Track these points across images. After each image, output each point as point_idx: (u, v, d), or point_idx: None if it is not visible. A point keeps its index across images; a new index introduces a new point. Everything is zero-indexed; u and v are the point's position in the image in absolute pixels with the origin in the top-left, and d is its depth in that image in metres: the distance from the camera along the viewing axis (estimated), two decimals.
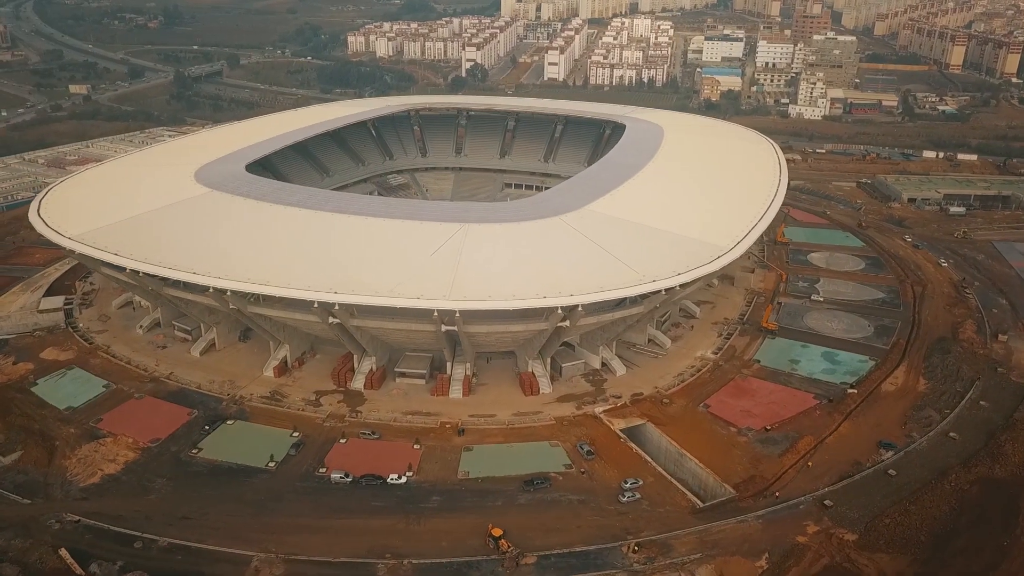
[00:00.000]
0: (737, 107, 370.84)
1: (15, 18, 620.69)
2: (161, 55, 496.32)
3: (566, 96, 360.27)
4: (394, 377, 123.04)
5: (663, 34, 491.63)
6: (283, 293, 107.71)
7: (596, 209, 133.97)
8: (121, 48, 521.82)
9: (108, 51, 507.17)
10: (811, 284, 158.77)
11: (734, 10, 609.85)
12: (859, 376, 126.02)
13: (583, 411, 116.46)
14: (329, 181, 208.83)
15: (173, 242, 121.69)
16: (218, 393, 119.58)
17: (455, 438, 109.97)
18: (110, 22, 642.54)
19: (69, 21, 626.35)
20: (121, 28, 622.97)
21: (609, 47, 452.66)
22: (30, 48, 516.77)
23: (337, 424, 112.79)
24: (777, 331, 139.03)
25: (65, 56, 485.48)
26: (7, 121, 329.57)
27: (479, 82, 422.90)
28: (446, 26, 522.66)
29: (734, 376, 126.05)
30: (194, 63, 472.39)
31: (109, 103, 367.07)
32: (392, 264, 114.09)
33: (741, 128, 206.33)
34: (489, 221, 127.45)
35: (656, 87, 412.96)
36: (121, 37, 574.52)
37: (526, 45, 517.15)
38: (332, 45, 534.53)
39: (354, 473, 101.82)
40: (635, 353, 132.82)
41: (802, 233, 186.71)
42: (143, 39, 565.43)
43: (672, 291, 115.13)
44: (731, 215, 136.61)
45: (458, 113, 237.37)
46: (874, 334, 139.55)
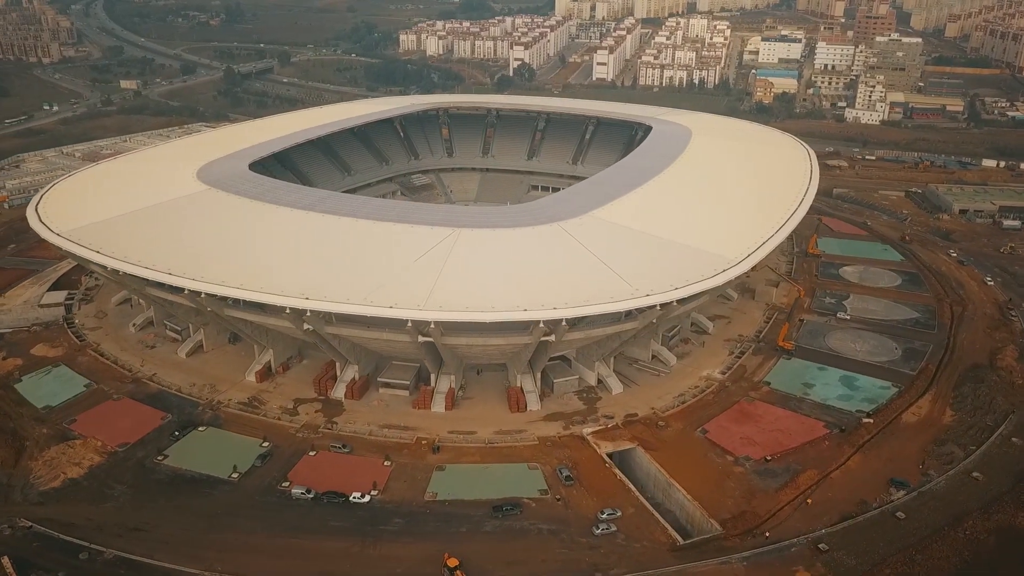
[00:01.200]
0: (790, 110, 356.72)
1: (85, 16, 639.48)
2: (217, 52, 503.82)
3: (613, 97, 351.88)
4: (377, 387, 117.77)
5: (719, 34, 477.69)
6: (254, 297, 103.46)
7: (600, 216, 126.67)
8: (180, 45, 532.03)
9: (167, 48, 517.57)
10: (839, 301, 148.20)
11: (796, 10, 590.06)
12: (878, 404, 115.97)
13: (570, 431, 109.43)
14: (350, 180, 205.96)
15: (159, 240, 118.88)
16: (197, 397, 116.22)
17: (429, 455, 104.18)
18: (174, 19, 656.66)
19: (135, 18, 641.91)
20: (183, 25, 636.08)
21: (661, 47, 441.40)
22: (94, 44, 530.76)
23: (310, 435, 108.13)
24: (794, 351, 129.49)
25: (125, 52, 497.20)
26: (58, 115, 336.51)
27: (526, 81, 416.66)
28: (498, 25, 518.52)
29: (740, 399, 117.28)
30: (247, 60, 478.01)
31: (158, 98, 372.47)
32: (373, 269, 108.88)
33: (776, 132, 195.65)
34: (482, 226, 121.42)
35: (707, 89, 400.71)
36: (183, 34, 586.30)
37: (577, 45, 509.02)
38: (384, 43, 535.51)
39: (317, 489, 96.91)
40: (637, 370, 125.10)
41: (836, 245, 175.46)
42: (203, 36, 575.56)
43: (668, 307, 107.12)
44: (747, 225, 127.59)
45: (487, 113, 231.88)
46: (901, 358, 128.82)
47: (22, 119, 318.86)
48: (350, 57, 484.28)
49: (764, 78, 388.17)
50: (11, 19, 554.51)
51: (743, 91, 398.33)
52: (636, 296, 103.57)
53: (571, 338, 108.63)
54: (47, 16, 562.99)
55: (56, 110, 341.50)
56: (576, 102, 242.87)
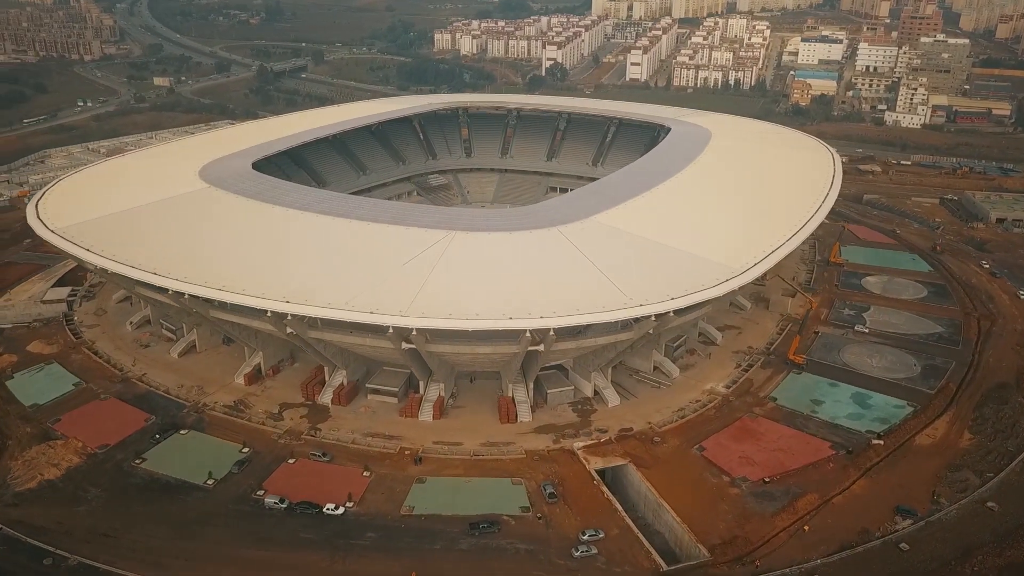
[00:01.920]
0: (827, 113, 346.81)
1: (129, 14, 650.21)
2: (253, 50, 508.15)
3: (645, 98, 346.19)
4: (366, 393, 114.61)
5: (758, 35, 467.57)
6: (233, 299, 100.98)
7: (602, 220, 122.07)
8: (218, 43, 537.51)
9: (205, 45, 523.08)
10: (858, 313, 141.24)
11: (840, 10, 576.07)
12: (890, 424, 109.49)
13: (560, 445, 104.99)
14: (365, 179, 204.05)
15: (151, 238, 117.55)
16: (184, 399, 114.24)
17: (411, 466, 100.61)
18: (215, 18, 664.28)
19: (178, 17, 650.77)
20: (224, 24, 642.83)
21: (697, 47, 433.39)
22: (136, 42, 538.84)
23: (291, 442, 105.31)
24: (805, 365, 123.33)
25: (164, 50, 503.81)
26: (91, 111, 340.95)
27: (558, 81, 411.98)
28: (533, 24, 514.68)
29: (743, 415, 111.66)
30: (283, 58, 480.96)
31: (190, 96, 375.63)
32: (360, 272, 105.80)
33: (801, 136, 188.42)
34: (478, 229, 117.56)
35: (742, 90, 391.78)
36: (222, 33, 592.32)
37: (613, 45, 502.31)
38: (419, 42, 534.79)
39: (291, 499, 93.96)
40: (637, 381, 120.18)
41: (861, 253, 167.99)
42: (242, 35, 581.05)
43: (664, 318, 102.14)
44: (757, 233, 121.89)
45: (508, 113, 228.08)
46: (920, 375, 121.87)
47: (42, 118, 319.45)
48: (383, 56, 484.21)
49: (802, 80, 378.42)
50: (57, 17, 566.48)
51: (780, 93, 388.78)
52: (629, 306, 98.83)
53: (562, 348, 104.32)
54: (92, 14, 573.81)
55: (89, 106, 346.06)
56: (598, 102, 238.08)
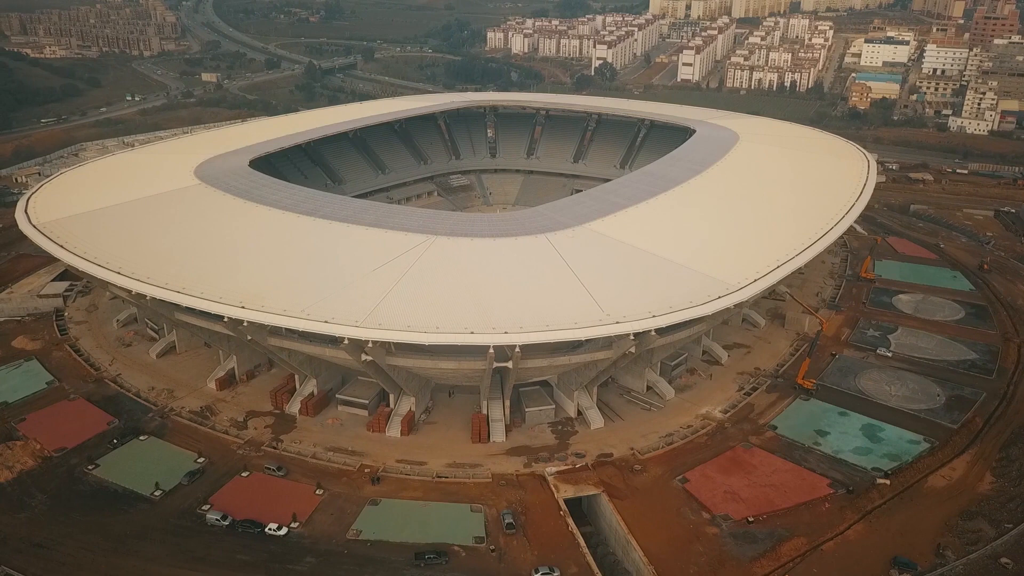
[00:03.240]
0: (887, 117, 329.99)
1: (194, 12, 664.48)
2: (308, 47, 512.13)
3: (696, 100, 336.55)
4: (336, 405, 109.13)
5: (819, 35, 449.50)
6: (189, 302, 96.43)
7: (596, 228, 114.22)
8: (275, 40, 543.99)
9: (262, 43, 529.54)
10: (883, 334, 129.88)
11: (911, 11, 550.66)
12: (901, 462, 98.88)
13: (531, 469, 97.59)
14: (384, 179, 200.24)
15: (125, 236, 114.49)
16: (152, 402, 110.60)
17: (367, 486, 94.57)
18: (276, 16, 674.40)
19: (240, 15, 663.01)
20: (284, 22, 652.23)
21: (753, 48, 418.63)
22: (195, 39, 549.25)
23: (250, 453, 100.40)
24: (814, 391, 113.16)
25: (221, 47, 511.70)
26: (138, 105, 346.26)
27: (607, 81, 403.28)
28: (587, 23, 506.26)
29: (736, 444, 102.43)
30: (335, 56, 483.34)
31: (237, 92, 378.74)
32: (327, 277, 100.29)
33: (839, 141, 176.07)
34: (460, 235, 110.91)
35: (798, 92, 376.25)
36: (282, 30, 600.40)
37: (668, 45, 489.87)
38: (472, 41, 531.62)
39: (235, 516, 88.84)
40: (627, 402, 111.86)
41: (897, 269, 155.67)
42: (300, 32, 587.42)
43: (645, 336, 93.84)
44: (765, 246, 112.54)
45: (536, 112, 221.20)
46: (943, 407, 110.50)
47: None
48: (432, 54, 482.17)
49: (861, 82, 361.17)
50: (124, 15, 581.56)
51: (838, 96, 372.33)
52: (604, 323, 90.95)
53: (534, 366, 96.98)
54: (157, 11, 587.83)
55: (136, 100, 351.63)
56: (631, 103, 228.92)
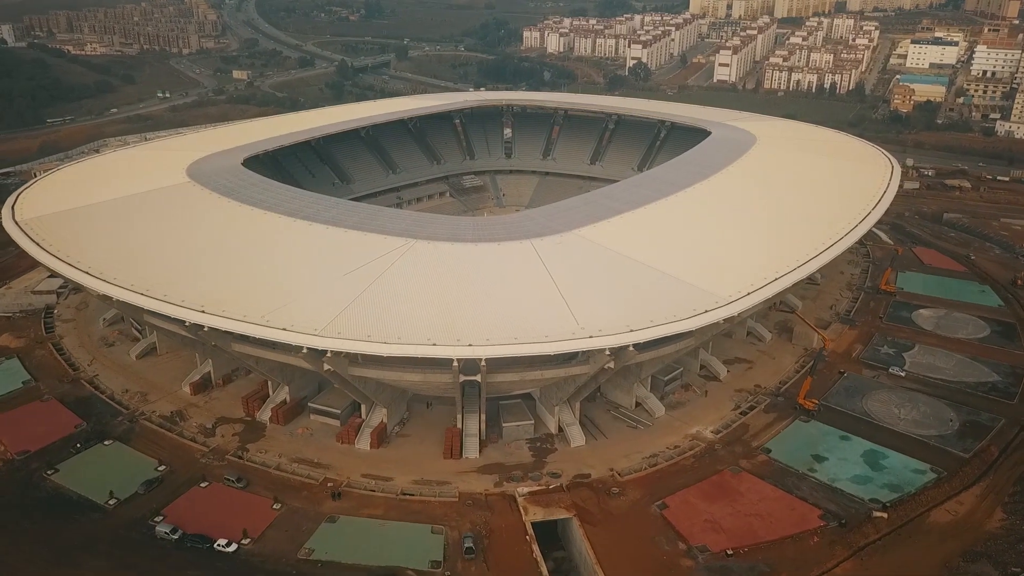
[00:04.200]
0: (930, 121, 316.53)
1: (237, 10, 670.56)
2: (344, 46, 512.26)
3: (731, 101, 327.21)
4: (309, 413, 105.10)
5: (864, 35, 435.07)
6: (150, 305, 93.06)
7: (586, 234, 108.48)
8: (313, 38, 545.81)
9: (299, 41, 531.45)
10: (898, 352, 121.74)
11: (963, 11, 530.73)
12: (902, 493, 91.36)
13: (502, 489, 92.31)
14: (395, 178, 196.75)
15: (102, 235, 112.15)
16: (124, 405, 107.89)
17: (328, 501, 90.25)
18: (317, 15, 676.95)
19: (281, 13, 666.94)
20: (324, 20, 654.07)
21: (793, 48, 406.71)
22: (235, 37, 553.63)
23: (213, 462, 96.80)
24: (815, 412, 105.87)
25: (259, 45, 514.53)
26: (169, 102, 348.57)
27: (641, 81, 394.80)
28: (624, 23, 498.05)
29: (724, 468, 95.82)
30: (370, 55, 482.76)
31: (268, 89, 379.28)
32: (294, 282, 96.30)
33: (864, 146, 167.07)
34: (442, 239, 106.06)
35: (838, 95, 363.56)
36: (320, 29, 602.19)
37: (706, 45, 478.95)
38: (508, 40, 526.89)
39: (187, 529, 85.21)
40: (614, 418, 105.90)
41: (920, 281, 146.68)
42: (338, 31, 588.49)
43: (623, 352, 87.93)
44: (764, 257, 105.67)
45: (554, 112, 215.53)
46: (956, 433, 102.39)
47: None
48: (466, 53, 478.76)
49: (905, 84, 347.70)
50: (167, 13, 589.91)
51: (880, 98, 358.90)
52: (577, 337, 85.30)
53: (504, 380, 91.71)
54: (199, 10, 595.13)
55: (167, 97, 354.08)
56: (653, 104, 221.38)
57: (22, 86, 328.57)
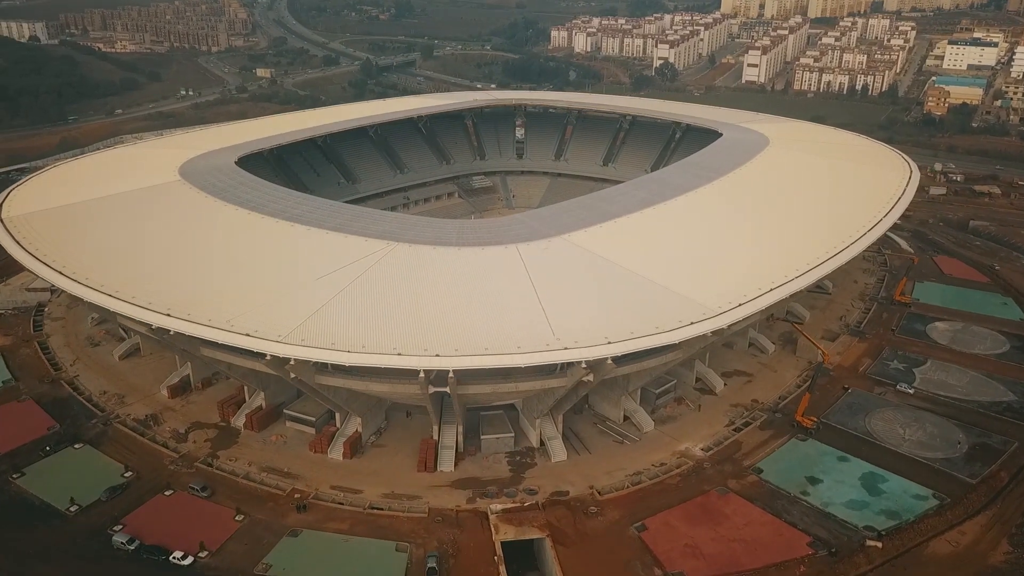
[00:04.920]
0: (965, 124, 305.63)
1: (268, 9, 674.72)
2: (371, 45, 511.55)
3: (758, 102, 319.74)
4: (284, 420, 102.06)
5: (899, 36, 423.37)
6: (117, 307, 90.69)
7: (577, 240, 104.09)
8: (341, 37, 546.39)
9: (328, 39, 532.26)
10: (909, 367, 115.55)
11: (1006, 11, 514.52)
12: (900, 520, 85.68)
13: (475, 505, 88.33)
14: (402, 178, 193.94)
15: (83, 233, 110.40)
16: (101, 407, 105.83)
17: (292, 514, 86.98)
18: (348, 14, 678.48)
19: (312, 12, 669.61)
20: (355, 19, 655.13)
21: (825, 49, 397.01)
22: (264, 35, 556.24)
23: (182, 469, 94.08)
24: (814, 430, 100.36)
25: (287, 43, 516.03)
26: (192, 100, 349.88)
27: (667, 82, 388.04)
28: (654, 22, 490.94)
29: (711, 488, 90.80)
30: (396, 53, 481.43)
31: (291, 88, 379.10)
32: (266, 285, 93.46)
33: (883, 149, 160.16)
34: (424, 242, 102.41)
35: (870, 96, 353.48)
36: (350, 27, 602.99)
37: (736, 45, 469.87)
38: (535, 39, 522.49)
39: (145, 539, 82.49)
40: (600, 432, 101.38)
41: (938, 292, 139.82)
42: (367, 30, 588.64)
43: (601, 365, 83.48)
44: (762, 267, 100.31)
45: (568, 112, 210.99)
46: (963, 456, 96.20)
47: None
48: (492, 52, 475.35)
49: (940, 86, 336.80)
50: (199, 11, 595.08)
51: (913, 100, 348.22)
52: (551, 349, 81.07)
53: (476, 392, 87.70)
54: (231, 8, 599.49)
55: (190, 95, 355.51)
56: (670, 104, 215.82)
57: (49, 83, 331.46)
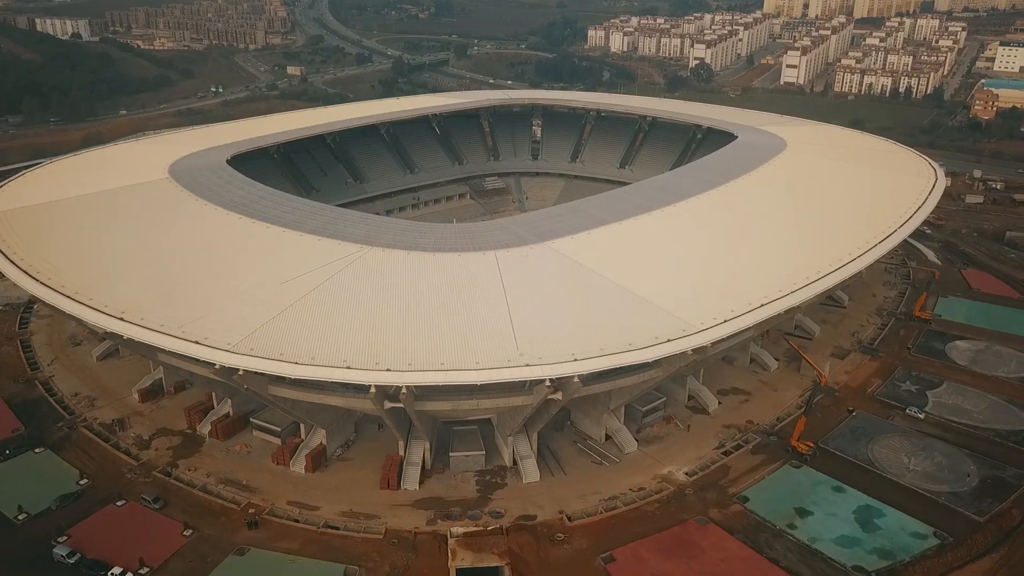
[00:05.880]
0: (1013, 129, 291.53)
1: (309, 8, 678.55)
2: (407, 43, 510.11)
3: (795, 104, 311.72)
4: (252, 429, 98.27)
5: (948, 37, 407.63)
6: (72, 309, 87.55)
7: (560, 247, 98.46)
8: (378, 36, 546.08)
9: (365, 38, 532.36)
10: (921, 390, 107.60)
11: None
12: (895, 560, 78.54)
13: (435, 528, 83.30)
14: (412, 178, 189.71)
15: (56, 230, 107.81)
16: (71, 409, 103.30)
17: (244, 530, 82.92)
18: (388, 13, 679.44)
19: (353, 11, 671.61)
20: (394, 18, 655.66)
21: (869, 50, 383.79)
22: (302, 33, 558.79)
23: (139, 478, 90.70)
24: (810, 455, 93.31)
25: (324, 41, 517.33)
26: (222, 97, 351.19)
27: (702, 82, 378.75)
28: (693, 22, 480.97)
29: (690, 518, 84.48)
30: (431, 52, 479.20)
31: (321, 85, 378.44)
32: (226, 289, 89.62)
33: (909, 155, 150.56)
34: (399, 247, 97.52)
35: (913, 99, 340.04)
36: (388, 26, 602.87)
37: (778, 45, 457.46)
38: (573, 39, 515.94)
39: (87, 553, 79.17)
40: (579, 451, 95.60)
41: (963, 308, 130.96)
42: (405, 29, 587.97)
43: (568, 383, 77.86)
44: (761, 279, 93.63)
45: (586, 112, 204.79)
46: (973, 491, 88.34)
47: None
48: (526, 52, 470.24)
49: (988, 89, 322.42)
50: (240, 9, 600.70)
51: (960, 104, 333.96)
52: (512, 365, 75.72)
53: (432, 409, 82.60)
54: (271, 6, 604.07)
55: (220, 92, 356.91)
56: (692, 106, 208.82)
57: (82, 79, 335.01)
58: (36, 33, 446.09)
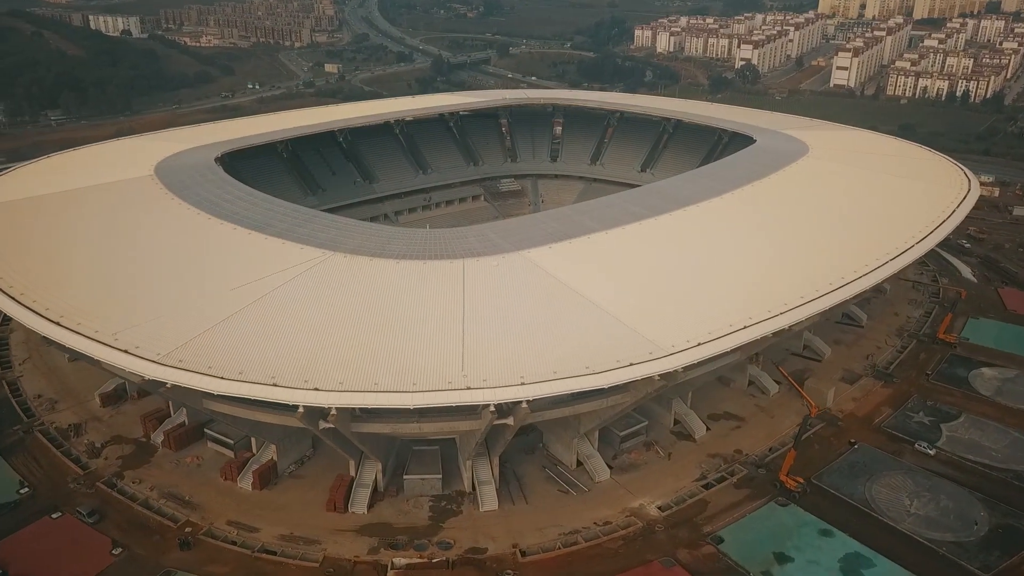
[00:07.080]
0: None
1: (359, 6, 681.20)
2: (452, 42, 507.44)
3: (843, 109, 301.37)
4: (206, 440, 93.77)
5: (1014, 39, 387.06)
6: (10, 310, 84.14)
7: (535, 257, 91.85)
8: (424, 34, 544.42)
9: (411, 37, 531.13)
10: (935, 422, 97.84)
11: None
12: None
13: (376, 557, 77.37)
14: (423, 179, 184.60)
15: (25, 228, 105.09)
16: (32, 412, 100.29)
17: (174, 551, 78.18)
18: (436, 12, 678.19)
19: (402, 10, 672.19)
20: (442, 17, 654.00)
21: (927, 51, 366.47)
22: (349, 32, 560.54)
23: (82, 488, 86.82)
24: (799, 491, 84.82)
25: (369, 40, 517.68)
26: (258, 94, 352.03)
27: (747, 84, 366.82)
28: (743, 22, 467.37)
29: (655, 559, 76.94)
30: (474, 51, 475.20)
31: (357, 83, 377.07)
32: (171, 295, 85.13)
33: (943, 163, 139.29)
34: (364, 253, 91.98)
35: (971, 104, 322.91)
36: (435, 25, 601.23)
37: (830, 46, 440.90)
38: (620, 39, 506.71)
39: (11, 570, 75.32)
40: (547, 478, 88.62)
41: (993, 331, 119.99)
42: (452, 27, 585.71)
43: (516, 409, 71.16)
44: (750, 298, 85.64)
45: (609, 114, 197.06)
46: (981, 540, 78.91)
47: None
48: (569, 51, 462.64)
49: None
50: (290, 8, 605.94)
51: (1022, 109, 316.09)
52: (452, 388, 69.41)
53: (366, 430, 76.55)
54: (320, 5, 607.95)
55: (257, 89, 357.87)
56: (721, 108, 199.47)
57: (123, 75, 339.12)
58: (86, 30, 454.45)
